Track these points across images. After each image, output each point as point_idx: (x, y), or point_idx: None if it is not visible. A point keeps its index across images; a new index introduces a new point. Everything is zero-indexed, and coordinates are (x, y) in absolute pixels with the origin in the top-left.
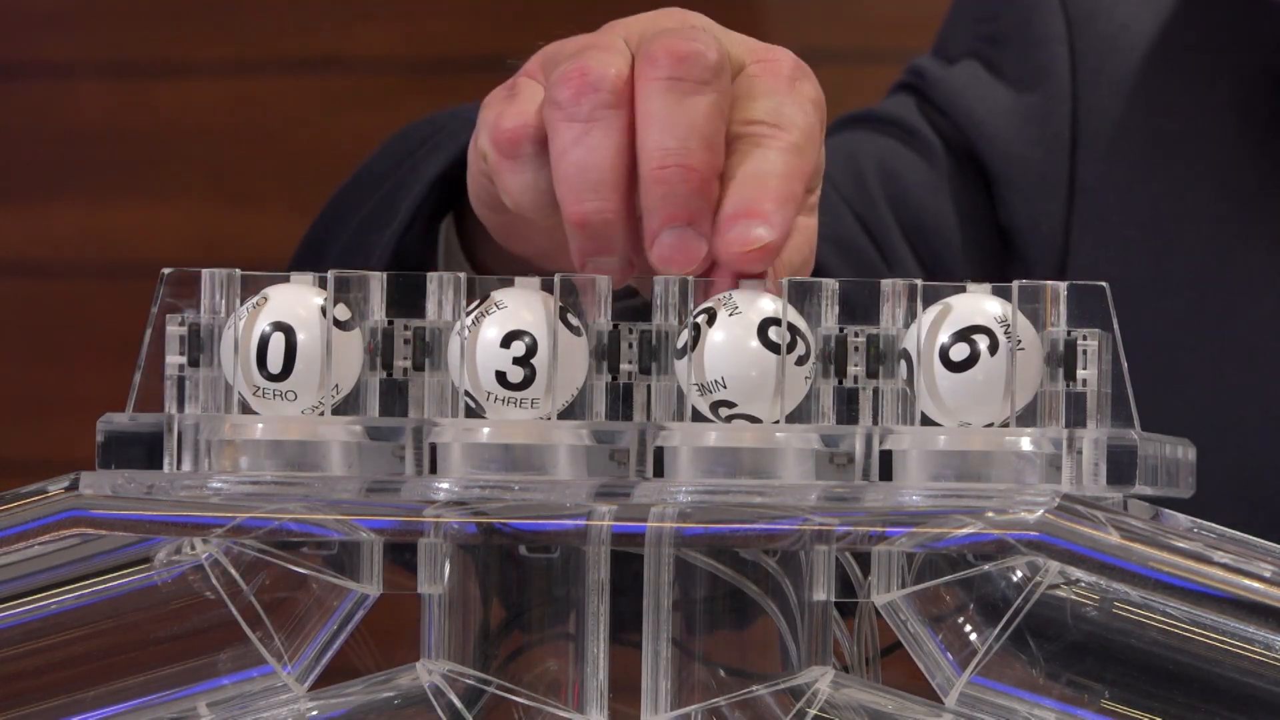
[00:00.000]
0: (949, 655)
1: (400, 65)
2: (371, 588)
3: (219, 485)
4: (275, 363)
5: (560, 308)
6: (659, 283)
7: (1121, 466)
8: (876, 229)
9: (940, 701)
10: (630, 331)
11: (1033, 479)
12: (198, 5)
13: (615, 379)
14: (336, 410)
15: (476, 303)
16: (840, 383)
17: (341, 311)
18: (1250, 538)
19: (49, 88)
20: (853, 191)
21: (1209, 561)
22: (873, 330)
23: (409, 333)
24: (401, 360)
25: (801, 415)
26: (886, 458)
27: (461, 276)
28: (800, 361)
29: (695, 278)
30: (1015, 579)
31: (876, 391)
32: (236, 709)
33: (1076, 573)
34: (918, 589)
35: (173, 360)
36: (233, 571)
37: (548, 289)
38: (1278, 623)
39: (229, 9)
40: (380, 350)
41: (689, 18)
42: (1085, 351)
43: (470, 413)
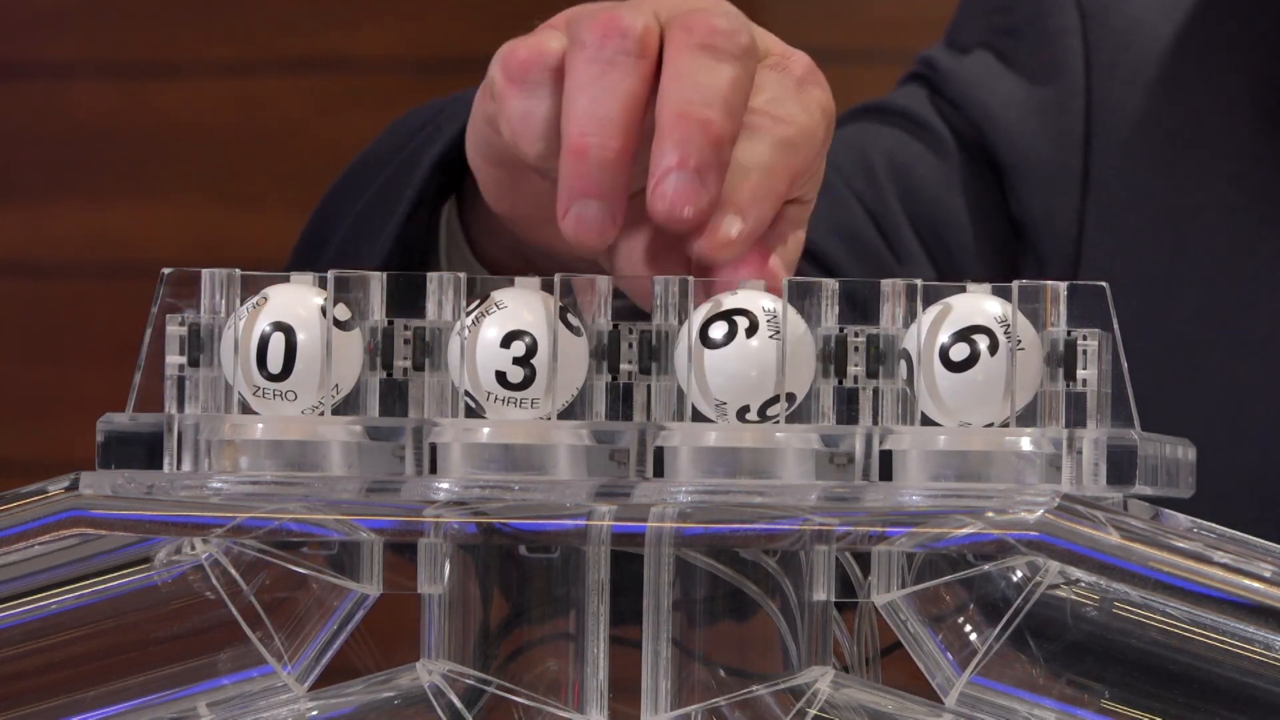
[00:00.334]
0: (949, 655)
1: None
2: (371, 588)
3: (219, 485)
4: (275, 363)
5: (560, 308)
6: (659, 283)
7: (1121, 466)
8: (886, 223)
9: (940, 701)
10: (630, 331)
11: (1033, 479)
12: (198, 5)
13: (615, 379)
14: (336, 410)
15: (476, 303)
16: (840, 383)
17: (341, 311)
18: (1250, 538)
19: (49, 88)
20: (863, 185)
21: (1209, 561)
22: (873, 330)
23: (409, 333)
24: (401, 360)
25: (801, 415)
26: (886, 458)
27: (461, 276)
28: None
29: (695, 278)
30: (1015, 579)
31: (876, 391)
32: (236, 709)
33: (1076, 573)
34: (918, 589)
35: (173, 360)
36: (233, 571)
37: (548, 289)
38: (1278, 623)
39: (229, 9)
40: (380, 350)
41: (720, 3)
42: (1085, 351)
43: (470, 413)
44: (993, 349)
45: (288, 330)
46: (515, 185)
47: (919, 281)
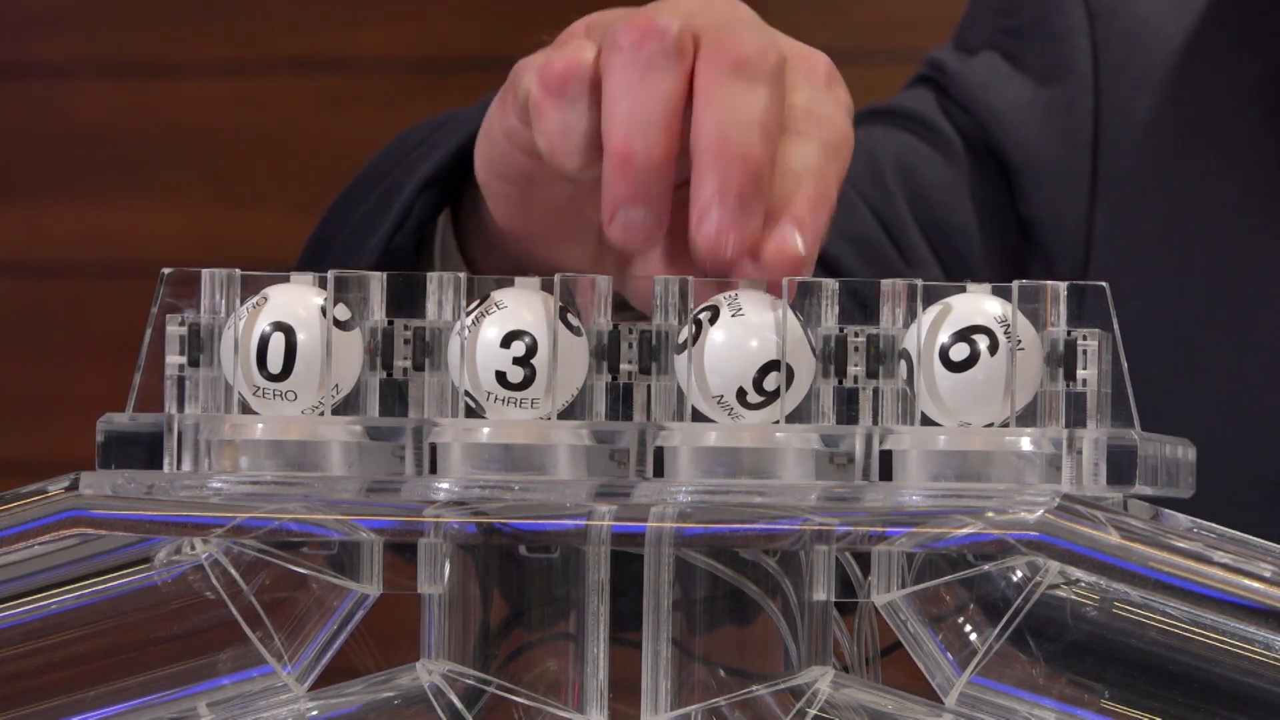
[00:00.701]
0: (949, 655)
1: (401, 65)
2: (371, 588)
3: (219, 485)
4: (275, 363)
5: (560, 307)
6: (659, 282)
7: (1121, 466)
8: (894, 226)
9: (940, 701)
10: (630, 331)
11: (1033, 479)
12: (198, 5)
13: (615, 379)
14: (336, 410)
15: (476, 303)
16: (840, 383)
17: (341, 311)
18: (1250, 538)
19: (49, 88)
20: (870, 188)
21: (1209, 561)
22: (873, 330)
23: (409, 333)
24: (401, 360)
25: (801, 415)
26: (886, 458)
27: (462, 276)
28: None
29: (695, 278)
30: (1015, 579)
31: (876, 391)
32: (236, 709)
33: (1076, 573)
34: (918, 589)
35: (173, 360)
36: (233, 571)
37: (548, 289)
38: (1278, 623)
39: (229, 9)
40: (380, 350)
41: (737, 7)
42: (1085, 351)
43: (470, 413)
44: (993, 349)
45: (288, 330)
46: (530, 201)
47: (919, 281)
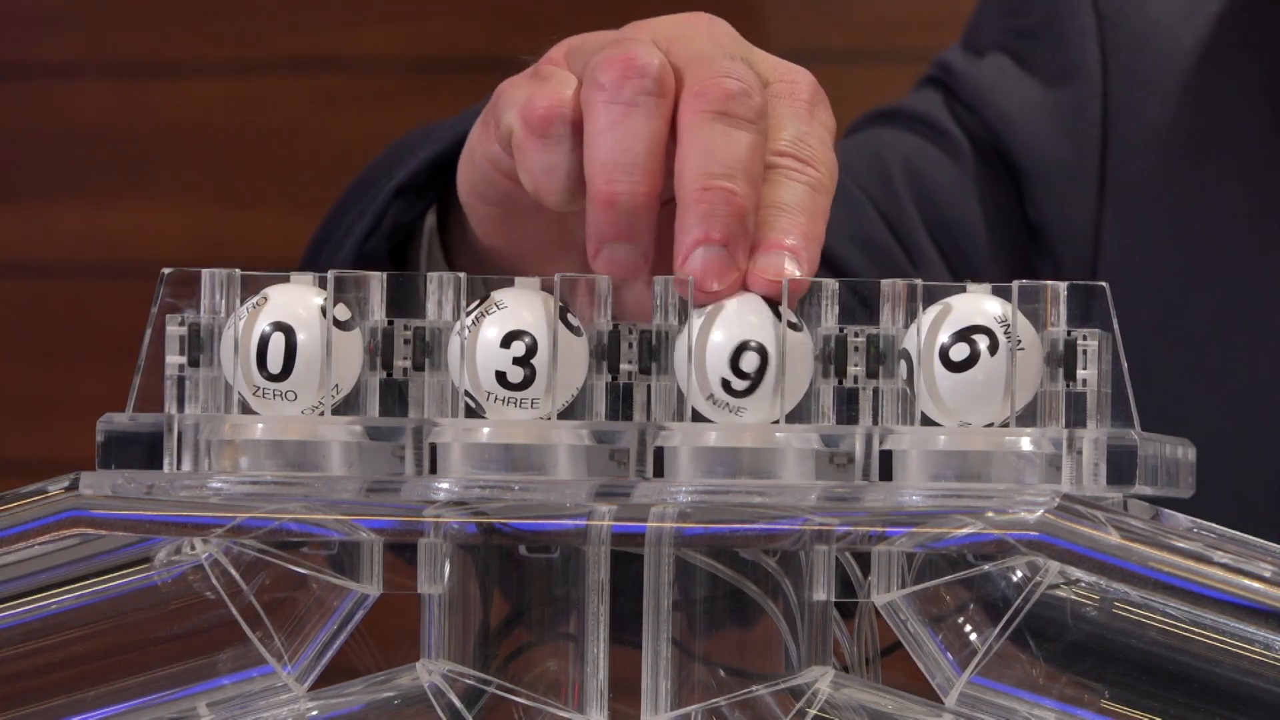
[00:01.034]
0: (949, 655)
1: (400, 66)
2: (371, 588)
3: (219, 485)
4: (275, 363)
5: (560, 307)
6: (659, 283)
7: (1121, 466)
8: (902, 228)
9: (940, 701)
10: (630, 331)
11: (1033, 479)
12: (198, 5)
13: (615, 379)
14: (336, 410)
15: (476, 303)
16: (840, 383)
17: (341, 311)
18: (1250, 538)
19: (49, 88)
20: (878, 190)
21: (1209, 561)
22: (873, 330)
23: (409, 333)
24: (401, 360)
25: (801, 415)
26: (886, 458)
27: (462, 276)
28: None
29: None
30: (1015, 579)
31: (876, 391)
32: (236, 709)
33: (1076, 573)
34: (918, 589)
35: (173, 360)
36: (233, 571)
37: (548, 289)
38: (1278, 623)
39: (229, 9)
40: (380, 350)
41: (715, 25)
42: (1085, 351)
43: (470, 413)
44: (993, 349)
45: (288, 330)
46: (513, 221)
47: (919, 281)
